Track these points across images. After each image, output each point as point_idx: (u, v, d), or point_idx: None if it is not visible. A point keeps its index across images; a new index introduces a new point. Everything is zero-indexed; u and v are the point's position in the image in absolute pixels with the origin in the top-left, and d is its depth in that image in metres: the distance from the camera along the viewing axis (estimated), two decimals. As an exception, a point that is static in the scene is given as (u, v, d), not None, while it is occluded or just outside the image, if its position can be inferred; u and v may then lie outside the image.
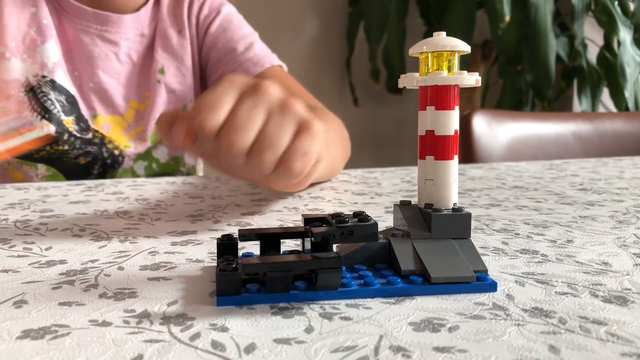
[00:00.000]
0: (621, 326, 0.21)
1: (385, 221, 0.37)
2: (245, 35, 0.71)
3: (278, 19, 1.81)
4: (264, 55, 0.70)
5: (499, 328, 0.20)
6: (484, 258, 0.29)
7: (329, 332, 0.20)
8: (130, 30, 0.67)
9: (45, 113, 0.62)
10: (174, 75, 0.69)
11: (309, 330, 0.20)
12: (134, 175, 0.68)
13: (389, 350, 0.19)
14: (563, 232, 0.35)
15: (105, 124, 0.66)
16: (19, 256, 0.29)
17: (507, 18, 1.45)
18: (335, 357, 0.18)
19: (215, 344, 0.19)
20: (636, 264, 0.28)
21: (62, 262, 0.28)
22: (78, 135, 0.64)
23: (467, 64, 1.62)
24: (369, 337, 0.20)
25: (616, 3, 1.62)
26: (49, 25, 0.63)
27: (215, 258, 0.29)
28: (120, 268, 0.27)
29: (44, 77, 0.62)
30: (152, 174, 0.68)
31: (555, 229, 0.35)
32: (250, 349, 0.19)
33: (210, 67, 0.71)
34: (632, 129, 1.04)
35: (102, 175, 0.66)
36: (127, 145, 0.67)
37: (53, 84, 0.62)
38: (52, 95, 0.62)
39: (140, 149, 0.67)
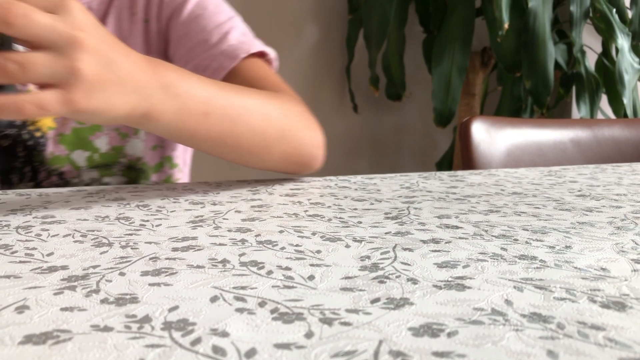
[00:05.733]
0: (619, 331, 0.21)
1: (384, 227, 0.38)
2: (220, 24, 0.63)
3: (278, 25, 1.82)
4: (239, 44, 0.62)
5: (497, 333, 0.21)
6: (482, 264, 0.29)
7: (328, 337, 0.20)
8: None
9: None
10: None
11: (309, 335, 0.20)
12: (74, 166, 0.63)
13: (389, 355, 0.19)
14: (561, 238, 0.35)
15: None
16: (20, 262, 0.29)
17: (506, 25, 1.46)
18: (335, 361, 0.18)
19: (216, 349, 0.19)
20: (634, 270, 0.28)
21: (64, 267, 0.28)
22: None
23: (465, 70, 1.62)
24: (369, 342, 0.20)
25: (614, 11, 1.63)
26: None
27: (217, 263, 0.29)
28: (122, 274, 0.27)
29: None
30: (93, 165, 0.64)
31: (553, 235, 0.36)
32: (250, 353, 0.19)
33: (180, 56, 0.64)
34: (630, 135, 1.05)
35: (29, 158, 0.62)
36: (51, 127, 0.62)
37: None
38: None
39: (63, 129, 0.63)
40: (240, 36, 0.62)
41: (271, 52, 0.64)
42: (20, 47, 0.35)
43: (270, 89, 0.58)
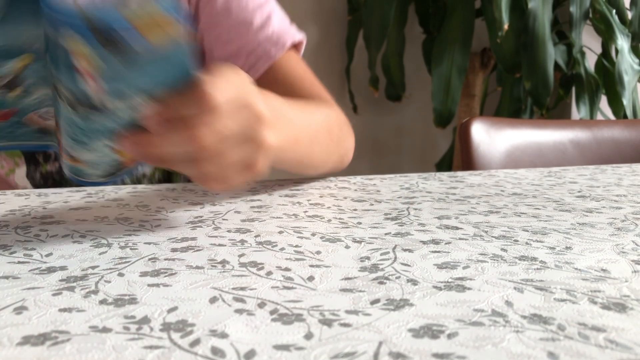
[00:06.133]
0: (620, 333, 0.21)
1: (384, 228, 0.38)
2: (261, 4, 0.62)
3: (278, 26, 1.81)
4: (283, 31, 0.62)
5: (498, 334, 0.20)
6: (483, 265, 0.29)
7: (328, 338, 0.20)
8: None
9: None
10: None
11: (308, 336, 0.20)
12: None
13: (388, 356, 0.19)
14: (562, 239, 0.35)
15: None
16: (19, 262, 0.29)
17: (506, 26, 1.46)
18: (334, 363, 0.18)
19: (215, 350, 0.19)
20: (635, 271, 0.28)
21: (63, 268, 0.28)
22: None
23: (465, 71, 1.62)
24: (369, 344, 0.20)
25: (614, 11, 1.63)
26: None
27: (216, 264, 0.29)
28: (121, 274, 0.27)
29: None
30: None
31: (554, 236, 0.35)
32: (250, 355, 0.19)
33: (219, 33, 0.62)
34: (630, 136, 1.04)
35: None
36: None
37: None
38: None
39: None
40: (281, 21, 0.63)
41: (304, 39, 0.65)
42: None
43: (307, 89, 0.60)
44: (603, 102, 1.78)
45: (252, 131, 0.34)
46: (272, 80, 0.61)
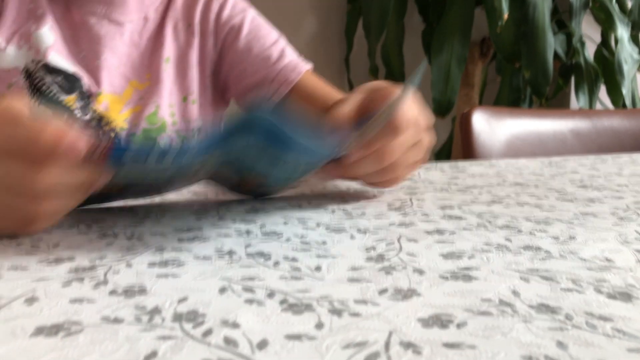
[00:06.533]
0: (627, 322, 0.21)
1: (388, 218, 0.38)
2: (275, 42, 0.75)
3: (277, 16, 1.80)
4: (296, 61, 0.74)
5: (506, 324, 0.21)
6: (488, 254, 0.29)
7: (339, 328, 0.20)
8: (134, 12, 0.69)
9: (42, 97, 0.63)
10: (176, 68, 0.71)
11: (319, 326, 0.20)
12: None
13: (399, 346, 0.19)
14: (565, 229, 0.35)
15: (104, 103, 0.68)
16: (26, 253, 0.29)
17: (506, 16, 1.46)
18: (346, 353, 0.18)
19: (227, 340, 0.19)
20: (639, 260, 0.28)
21: (70, 259, 0.28)
22: (78, 115, 0.65)
23: (465, 61, 1.62)
24: (379, 333, 0.20)
25: (614, 0, 1.63)
26: (44, 15, 0.66)
27: (223, 255, 0.29)
28: (129, 265, 0.27)
29: (39, 62, 0.65)
30: None
31: (557, 226, 0.36)
32: (262, 344, 0.19)
33: (243, 68, 0.73)
34: (629, 126, 1.05)
35: None
36: (123, 127, 0.68)
37: (47, 68, 0.65)
38: (48, 79, 0.65)
39: (134, 129, 0.68)
40: (293, 54, 0.76)
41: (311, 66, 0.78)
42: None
43: (331, 96, 0.69)
44: (602, 92, 1.78)
45: (420, 137, 0.44)
46: (298, 97, 0.73)
